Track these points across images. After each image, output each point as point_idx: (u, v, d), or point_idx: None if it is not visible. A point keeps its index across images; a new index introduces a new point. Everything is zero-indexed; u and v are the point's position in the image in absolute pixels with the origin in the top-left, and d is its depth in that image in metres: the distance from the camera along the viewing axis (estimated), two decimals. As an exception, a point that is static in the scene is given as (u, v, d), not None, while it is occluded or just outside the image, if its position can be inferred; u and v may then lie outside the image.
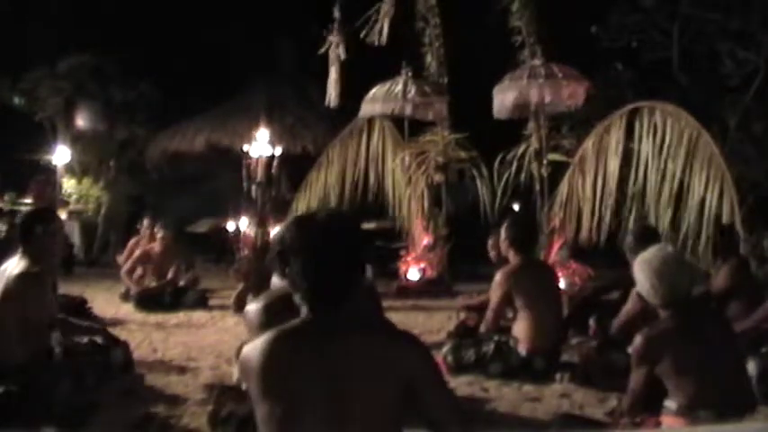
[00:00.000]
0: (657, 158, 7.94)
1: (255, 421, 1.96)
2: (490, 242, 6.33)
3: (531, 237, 5.50)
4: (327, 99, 10.24)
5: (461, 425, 2.04)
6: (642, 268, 3.16)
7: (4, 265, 4.24)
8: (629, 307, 4.56)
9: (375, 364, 1.93)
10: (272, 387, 1.91)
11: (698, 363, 3.03)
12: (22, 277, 4.09)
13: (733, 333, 3.46)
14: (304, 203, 10.70)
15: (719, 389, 3.02)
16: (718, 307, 5.23)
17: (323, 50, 10.08)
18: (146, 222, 8.88)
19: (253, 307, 3.61)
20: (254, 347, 1.97)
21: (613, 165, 8.26)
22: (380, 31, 9.63)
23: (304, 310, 2.02)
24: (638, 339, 3.14)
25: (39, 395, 3.95)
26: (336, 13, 9.96)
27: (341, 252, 2.02)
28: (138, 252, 8.56)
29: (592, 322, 5.36)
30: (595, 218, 8.25)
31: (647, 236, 4.69)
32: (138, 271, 8.45)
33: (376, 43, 9.68)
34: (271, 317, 3.44)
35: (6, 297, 4.08)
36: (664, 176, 7.90)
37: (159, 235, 8.39)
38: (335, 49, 10.00)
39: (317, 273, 1.99)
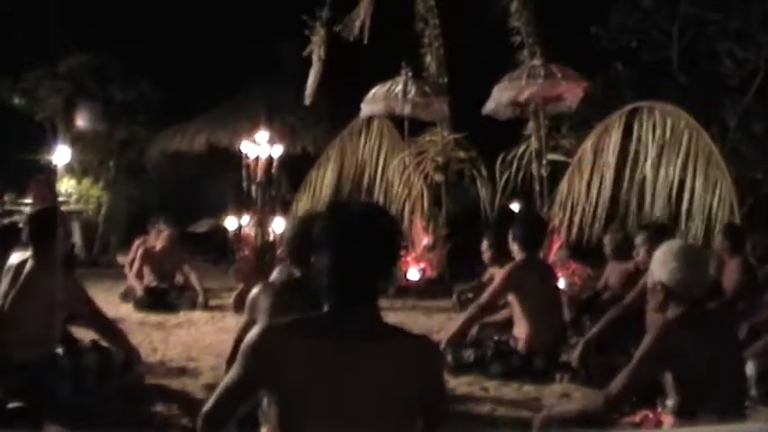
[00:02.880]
0: (657, 158, 7.95)
1: (254, 421, 1.94)
2: (485, 243, 6.31)
3: (537, 235, 5.44)
4: (306, 97, 10.30)
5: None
6: (670, 258, 3.05)
7: (9, 262, 4.24)
8: (634, 298, 4.58)
9: (395, 365, 1.90)
10: (286, 380, 1.85)
11: (706, 362, 2.99)
12: (35, 275, 4.10)
13: (736, 333, 3.43)
14: (304, 204, 10.71)
15: (721, 389, 3.00)
16: (730, 303, 5.25)
17: (306, 52, 10.14)
18: (157, 224, 8.72)
19: (259, 289, 3.63)
20: (267, 336, 1.91)
21: (613, 165, 8.27)
22: (362, 28, 9.63)
23: (327, 303, 1.94)
24: (657, 332, 3.03)
25: (40, 395, 3.95)
26: (322, 14, 10.00)
27: (378, 246, 1.93)
28: (140, 251, 8.50)
29: (586, 326, 5.37)
30: (594, 218, 8.26)
31: (663, 233, 4.72)
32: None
33: (364, 41, 9.70)
34: (278, 301, 3.46)
35: (17, 294, 4.09)
36: (664, 176, 7.90)
37: (166, 233, 8.34)
38: (318, 49, 10.05)
39: (350, 265, 1.90)
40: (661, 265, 3.06)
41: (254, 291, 3.71)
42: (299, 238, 3.65)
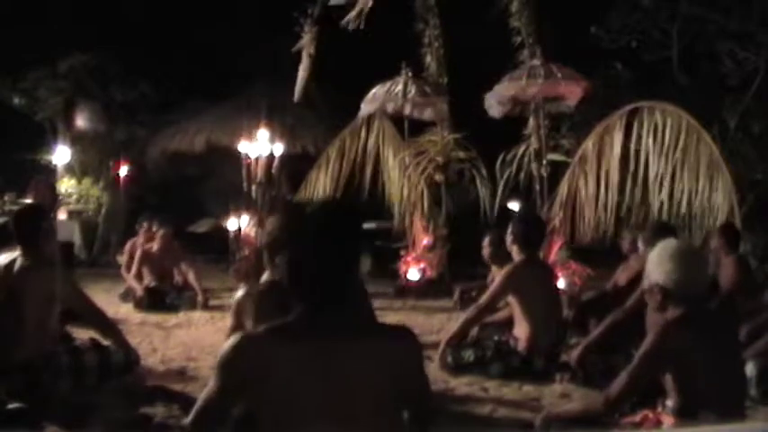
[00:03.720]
0: (657, 158, 7.95)
1: (254, 420, 1.93)
2: (486, 240, 6.33)
3: (537, 235, 5.43)
4: (295, 93, 10.33)
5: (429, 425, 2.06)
6: (665, 259, 2.98)
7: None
8: (635, 302, 4.57)
9: (373, 365, 1.89)
10: (265, 390, 1.84)
11: (706, 362, 2.98)
12: (25, 274, 4.10)
13: (737, 333, 3.42)
14: (304, 204, 10.69)
15: (721, 389, 3.00)
16: (728, 300, 5.24)
17: (295, 48, 10.13)
18: (144, 223, 8.80)
19: (243, 294, 3.61)
20: (243, 345, 1.88)
21: (613, 165, 8.26)
22: (359, 15, 9.61)
23: (296, 306, 1.92)
24: (658, 333, 3.01)
25: (40, 394, 3.94)
26: (312, 11, 10.02)
27: (340, 244, 1.92)
28: (138, 253, 8.50)
29: (592, 327, 5.36)
30: (595, 218, 8.25)
31: (665, 231, 4.72)
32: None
33: (360, 26, 9.68)
34: (262, 304, 3.43)
35: (8, 294, 4.08)
36: (664, 176, 7.90)
37: (159, 233, 8.36)
38: (308, 47, 10.07)
39: (315, 266, 1.89)
40: (656, 266, 3.03)
41: (239, 295, 3.68)
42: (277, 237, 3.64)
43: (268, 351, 1.86)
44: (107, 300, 8.46)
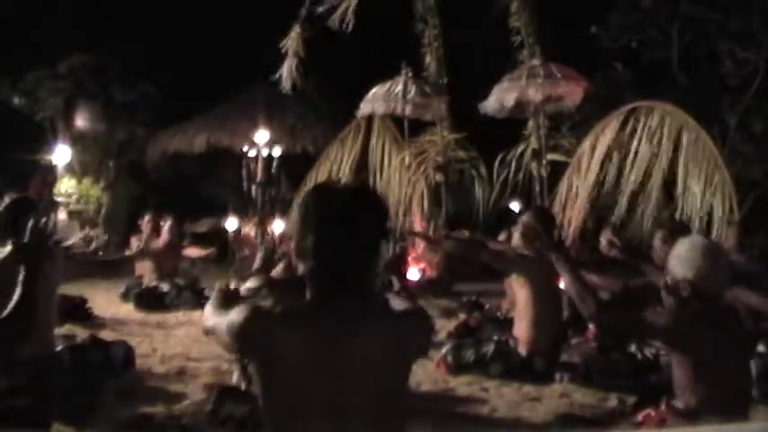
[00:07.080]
0: (657, 158, 7.95)
1: (254, 420, 1.93)
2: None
3: (554, 227, 5.37)
4: (283, 82, 10.39)
5: None
6: (697, 255, 3.01)
7: None
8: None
9: (384, 353, 1.84)
10: (277, 370, 1.81)
11: (713, 361, 2.97)
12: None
13: (747, 333, 3.40)
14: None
15: (727, 389, 2.99)
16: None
17: (282, 44, 10.17)
18: (147, 218, 8.75)
19: (259, 283, 3.62)
20: (254, 321, 1.84)
21: (607, 165, 8.27)
22: (344, 16, 9.58)
23: (311, 290, 1.88)
24: (674, 313, 3.03)
25: (41, 392, 3.94)
26: (302, 11, 10.03)
27: (363, 228, 1.85)
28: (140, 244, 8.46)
29: (591, 326, 5.35)
30: (593, 218, 8.26)
31: (681, 230, 4.70)
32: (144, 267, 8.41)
33: (344, 28, 9.66)
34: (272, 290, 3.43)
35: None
36: (663, 176, 7.91)
37: (166, 227, 8.35)
38: (293, 44, 10.08)
39: (334, 249, 1.83)
40: (687, 262, 3.02)
41: (253, 284, 3.69)
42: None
43: (279, 329, 1.82)
44: (107, 299, 8.48)
